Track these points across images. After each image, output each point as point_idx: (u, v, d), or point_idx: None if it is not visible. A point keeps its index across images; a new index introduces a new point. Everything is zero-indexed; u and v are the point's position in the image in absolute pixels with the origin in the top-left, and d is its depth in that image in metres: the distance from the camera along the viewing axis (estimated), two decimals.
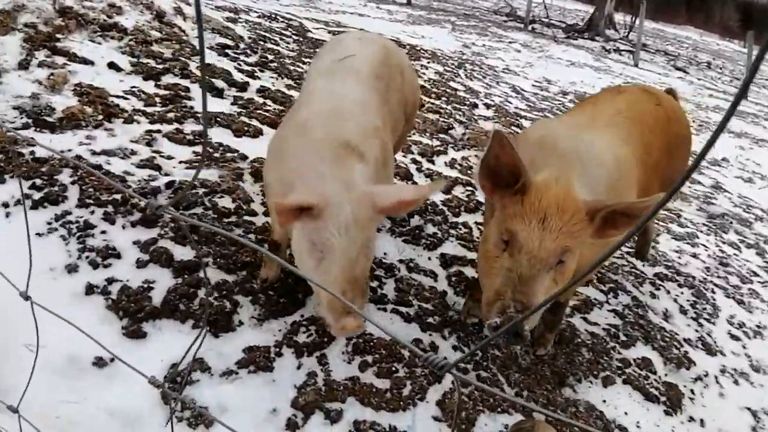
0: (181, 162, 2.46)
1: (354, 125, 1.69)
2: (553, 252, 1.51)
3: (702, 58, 17.50)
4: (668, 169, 2.29)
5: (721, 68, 16.13)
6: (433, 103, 4.34)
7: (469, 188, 3.24)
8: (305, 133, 1.66)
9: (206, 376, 1.70)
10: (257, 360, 1.79)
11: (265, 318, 1.94)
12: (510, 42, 10.04)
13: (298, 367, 1.83)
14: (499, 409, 1.89)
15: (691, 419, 2.18)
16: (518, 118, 5.00)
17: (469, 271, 2.52)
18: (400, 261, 2.43)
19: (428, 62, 5.59)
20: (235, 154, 2.58)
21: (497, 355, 2.10)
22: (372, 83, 1.92)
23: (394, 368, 1.92)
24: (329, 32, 5.35)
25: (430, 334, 2.10)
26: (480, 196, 3.12)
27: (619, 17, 18.09)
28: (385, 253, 2.43)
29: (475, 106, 4.93)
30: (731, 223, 4.23)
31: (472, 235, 2.81)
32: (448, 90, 4.97)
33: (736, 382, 2.48)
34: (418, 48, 6.22)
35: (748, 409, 2.34)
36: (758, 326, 2.95)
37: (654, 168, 2.12)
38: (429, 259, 2.54)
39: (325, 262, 1.48)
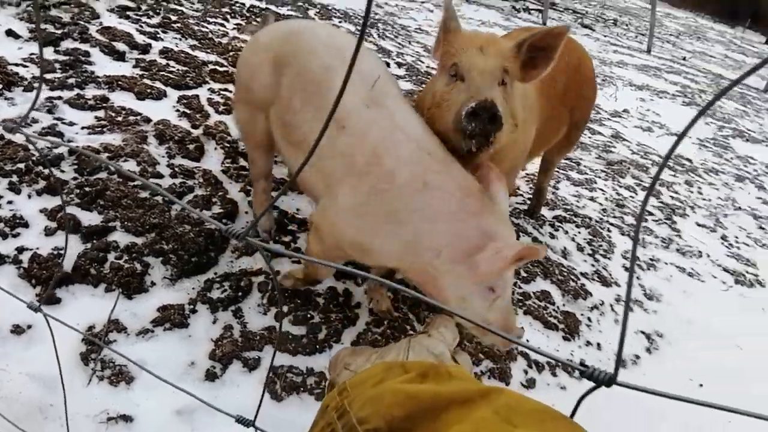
0: (83, 128, 2.39)
1: (450, 159, 1.56)
2: (497, 67, 1.58)
3: (609, 15, 18.23)
4: (577, 102, 2.49)
5: (627, 25, 16.89)
6: None
7: None
8: (424, 186, 1.48)
9: (122, 336, 1.72)
10: (172, 318, 1.82)
11: (178, 277, 1.96)
12: (422, 2, 10.06)
13: (214, 322, 1.88)
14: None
15: (588, 343, 2.40)
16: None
17: None
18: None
19: (340, 22, 5.56)
20: (138, 117, 2.53)
21: (407, 297, 2.22)
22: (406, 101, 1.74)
23: (309, 315, 2.00)
24: None
25: (344, 282, 2.19)
26: None
27: None
28: (297, 209, 2.48)
29: (387, 65, 4.98)
30: (629, 168, 4.56)
31: None
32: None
33: (630, 309, 2.73)
34: (330, 7, 6.16)
35: (642, 332, 2.59)
36: (651, 259, 3.24)
37: (560, 99, 2.31)
38: None
39: (498, 300, 1.44)
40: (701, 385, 2.33)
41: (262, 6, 4.76)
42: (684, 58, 12.66)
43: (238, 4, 4.52)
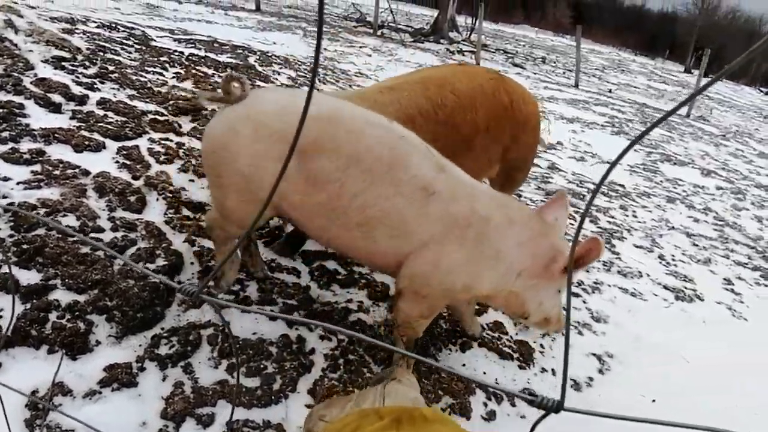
0: (19, 183, 2.30)
1: (507, 196, 1.94)
2: None
3: (537, 54, 19.19)
4: (511, 143, 2.62)
5: (554, 62, 17.80)
6: None
7: None
8: (510, 222, 1.81)
9: (68, 399, 1.64)
10: (120, 377, 1.75)
11: (124, 335, 1.89)
12: (361, 47, 10.34)
13: (164, 379, 1.81)
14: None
15: (543, 370, 2.44)
16: None
17: (331, 264, 2.61)
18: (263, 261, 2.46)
19: (280, 68, 5.61)
20: (77, 170, 2.45)
21: (361, 339, 2.21)
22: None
23: (262, 366, 1.95)
24: (174, 40, 5.19)
25: (297, 329, 2.15)
26: None
27: (461, 20, 19.28)
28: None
29: None
30: (567, 195, 4.73)
31: None
32: None
33: (580, 333, 2.80)
34: (270, 54, 6.22)
35: (593, 354, 2.66)
36: (595, 283, 3.35)
37: (478, 131, 2.46)
38: (293, 259, 2.59)
39: (559, 298, 1.90)
40: (654, 401, 2.40)
41: (201, 54, 4.76)
42: (610, 91, 13.41)
43: (176, 53, 4.51)
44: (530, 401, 0.56)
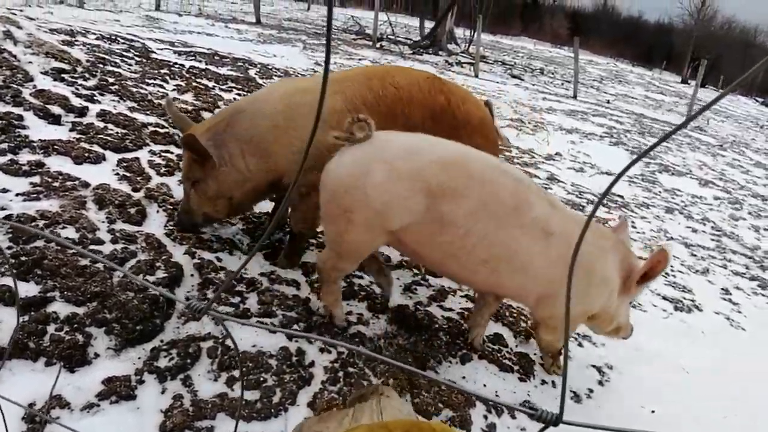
0: (18, 194, 2.30)
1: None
2: (184, 178, 2.39)
3: (536, 65, 19.30)
4: (440, 134, 2.56)
5: (552, 73, 17.90)
6: None
7: None
8: (612, 247, 2.12)
9: (66, 412, 1.63)
10: (118, 390, 1.73)
11: (123, 347, 1.88)
12: (360, 59, 10.41)
13: (163, 392, 1.80)
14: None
15: (544, 382, 2.43)
16: None
17: None
18: (262, 274, 2.46)
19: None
20: (76, 182, 2.46)
21: (361, 352, 2.20)
22: None
23: (262, 378, 1.94)
24: (175, 53, 5.22)
25: (296, 341, 2.15)
26: None
27: (459, 32, 19.41)
28: (246, 270, 2.45)
29: None
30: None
31: None
32: None
33: (580, 345, 2.79)
34: (270, 67, 6.25)
35: (593, 366, 2.65)
36: None
37: (414, 126, 2.47)
38: (292, 270, 2.59)
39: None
40: (653, 411, 2.39)
41: (202, 67, 4.79)
42: (608, 101, 13.47)
43: (177, 65, 4.53)
44: (530, 415, 0.57)
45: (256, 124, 2.32)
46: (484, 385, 2.27)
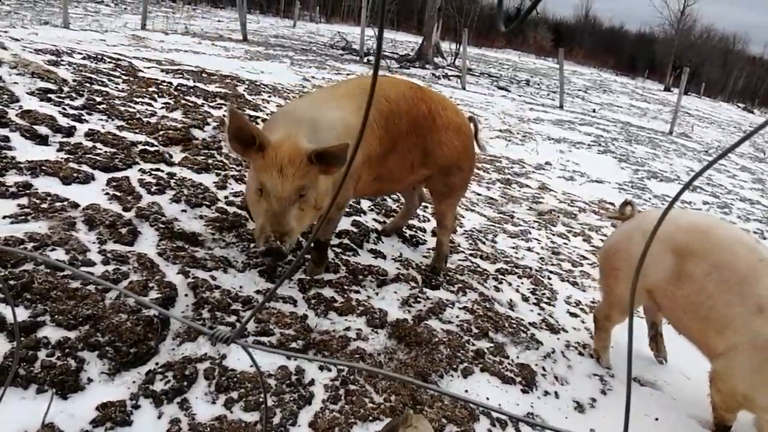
0: (5, 217, 2.25)
1: None
2: (292, 192, 2.09)
3: (521, 77, 19.48)
4: (433, 147, 2.78)
5: (538, 84, 18.07)
6: None
7: None
8: None
9: None
10: (113, 416, 1.68)
11: (117, 371, 1.83)
12: (348, 74, 10.42)
13: (159, 417, 1.74)
14: (370, 418, 1.94)
15: (546, 393, 2.40)
16: None
17: (328, 292, 2.57)
18: (257, 292, 2.41)
19: (269, 96, 5.62)
20: (65, 203, 2.40)
21: (362, 368, 2.16)
22: None
23: (261, 399, 1.90)
24: (162, 71, 5.18)
25: (295, 359, 2.10)
26: None
27: (445, 46, 19.57)
28: (240, 287, 2.40)
29: None
30: (558, 217, 4.74)
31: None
32: None
33: (580, 354, 2.77)
34: (258, 83, 6.24)
35: (595, 374, 2.62)
36: (593, 302, 3.33)
37: (401, 134, 2.63)
38: (288, 287, 2.55)
39: None
40: (657, 419, 2.37)
41: (190, 84, 4.75)
42: (594, 110, 13.60)
43: (165, 83, 4.50)
44: None
45: (328, 140, 2.23)
46: (487, 398, 2.23)
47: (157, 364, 1.91)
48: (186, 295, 2.23)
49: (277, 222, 2.09)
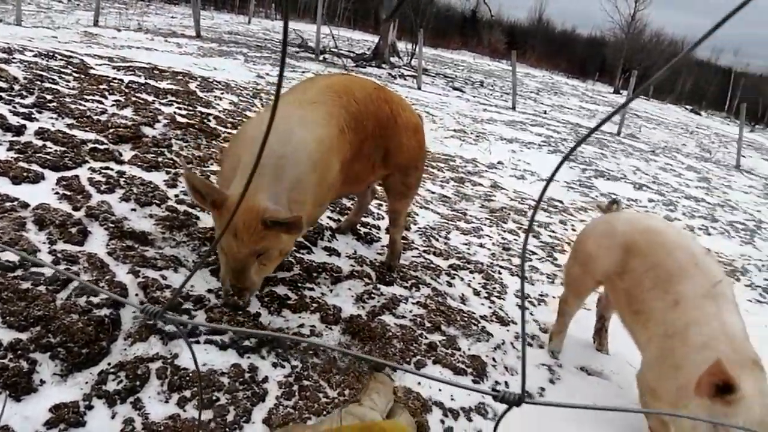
0: None
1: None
2: (247, 255, 2.04)
3: (476, 78, 19.80)
4: (395, 149, 2.80)
5: (492, 85, 18.40)
6: (229, 133, 4.37)
7: None
8: (712, 351, 1.89)
9: None
10: (67, 417, 1.67)
11: (69, 372, 1.82)
12: (303, 72, 10.40)
13: (113, 417, 1.75)
14: (324, 412, 1.99)
15: (497, 383, 2.49)
16: None
17: (281, 289, 2.60)
18: (209, 291, 2.42)
19: (222, 93, 5.58)
20: (15, 203, 2.36)
21: (316, 363, 2.21)
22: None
23: (215, 397, 1.92)
24: (114, 68, 5.08)
25: (248, 357, 2.13)
26: None
27: (401, 46, 19.70)
28: (191, 286, 2.41)
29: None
30: (509, 214, 4.89)
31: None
32: (244, 119, 5.02)
33: (530, 344, 2.88)
34: (211, 80, 6.18)
35: (543, 364, 2.74)
36: (541, 295, 3.46)
37: (368, 137, 2.60)
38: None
39: None
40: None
41: (141, 81, 4.68)
42: (545, 112, 13.96)
43: (116, 80, 4.42)
44: (494, 396, 0.60)
45: (299, 170, 2.15)
46: (439, 390, 2.31)
47: (109, 364, 1.90)
48: (136, 294, 2.23)
49: (235, 278, 2.09)
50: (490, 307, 3.10)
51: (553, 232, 4.74)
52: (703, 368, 1.75)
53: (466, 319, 2.87)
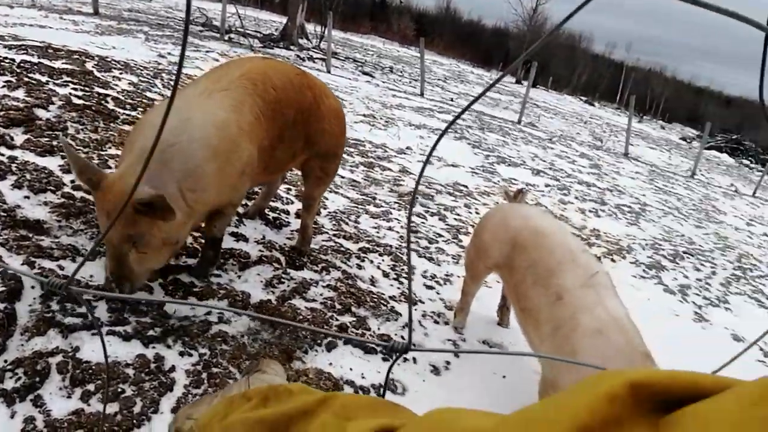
0: None
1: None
2: (120, 240, 1.97)
3: (386, 63, 19.96)
4: (315, 135, 2.80)
5: (401, 71, 18.63)
6: (129, 115, 4.17)
7: None
8: (607, 338, 1.94)
9: None
10: None
11: None
12: (207, 51, 10.02)
13: (12, 416, 1.66)
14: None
15: (405, 360, 2.58)
16: None
17: (186, 277, 2.55)
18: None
19: (120, 73, 5.29)
20: None
21: (225, 349, 2.20)
22: None
23: (120, 389, 1.87)
24: (5, 47, 4.67)
25: (154, 347, 2.08)
26: None
27: (310, 28, 19.44)
28: (91, 276, 2.31)
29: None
30: (417, 198, 5.03)
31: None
32: (144, 100, 4.80)
33: (435, 322, 3.00)
34: (109, 59, 5.83)
35: (449, 340, 2.87)
36: (446, 275, 3.61)
37: (288, 124, 2.60)
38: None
39: None
40: (504, 377, 2.66)
41: (35, 61, 4.34)
42: (451, 99, 14.36)
43: (7, 60, 4.08)
44: (384, 346, 0.66)
45: (193, 159, 2.08)
46: (351, 369, 2.37)
47: (6, 361, 1.80)
48: (33, 287, 2.11)
49: (113, 265, 2.02)
50: (398, 288, 3.20)
51: (459, 215, 4.93)
52: (599, 355, 1.87)
53: (375, 300, 2.95)
